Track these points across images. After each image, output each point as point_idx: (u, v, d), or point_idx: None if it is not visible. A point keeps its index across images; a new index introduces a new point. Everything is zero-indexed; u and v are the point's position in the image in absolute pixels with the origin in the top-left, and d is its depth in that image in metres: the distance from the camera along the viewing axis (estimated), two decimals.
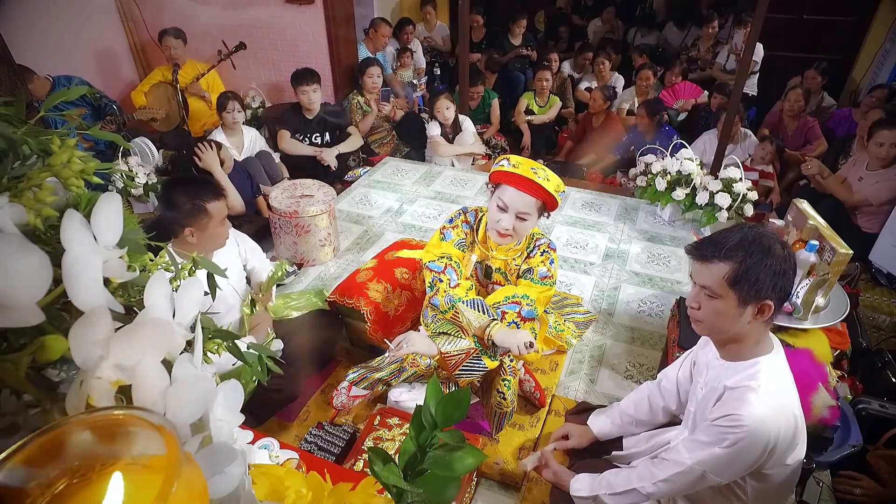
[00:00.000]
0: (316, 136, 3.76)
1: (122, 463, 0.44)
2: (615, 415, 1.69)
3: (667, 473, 1.30)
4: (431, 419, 0.67)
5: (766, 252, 1.16)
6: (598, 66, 5.14)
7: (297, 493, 0.77)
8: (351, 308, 2.11)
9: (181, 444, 0.42)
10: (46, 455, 0.41)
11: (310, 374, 2.16)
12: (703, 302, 1.24)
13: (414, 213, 3.46)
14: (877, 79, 4.92)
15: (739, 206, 3.01)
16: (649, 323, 2.52)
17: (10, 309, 0.42)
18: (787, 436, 1.18)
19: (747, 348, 1.26)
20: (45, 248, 0.43)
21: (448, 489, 0.69)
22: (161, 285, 0.53)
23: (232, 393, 0.59)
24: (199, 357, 0.55)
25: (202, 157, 2.85)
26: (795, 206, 2.11)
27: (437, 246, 1.84)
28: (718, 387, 1.27)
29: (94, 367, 0.46)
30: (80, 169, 0.53)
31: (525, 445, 1.89)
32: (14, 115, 0.54)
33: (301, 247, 2.84)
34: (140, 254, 0.57)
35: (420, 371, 1.90)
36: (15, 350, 0.45)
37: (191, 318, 0.56)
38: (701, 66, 5.52)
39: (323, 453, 1.78)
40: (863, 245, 2.79)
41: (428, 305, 1.90)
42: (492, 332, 1.67)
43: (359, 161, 4.13)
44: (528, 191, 1.66)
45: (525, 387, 2.03)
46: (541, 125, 4.88)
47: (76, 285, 0.45)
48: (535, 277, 1.79)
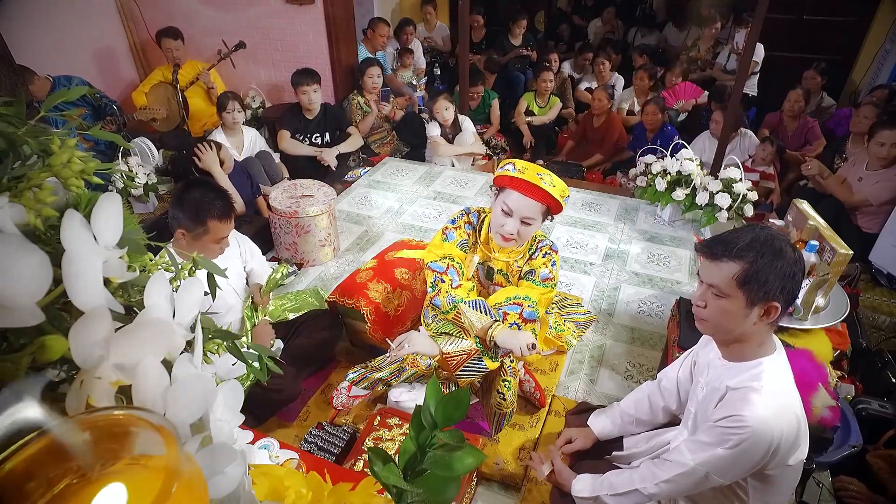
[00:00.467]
0: (316, 137, 3.76)
1: (123, 463, 0.44)
2: (615, 415, 1.69)
3: (669, 474, 1.30)
4: (431, 419, 0.67)
5: (778, 254, 1.16)
6: (598, 66, 5.14)
7: (297, 493, 0.77)
8: (351, 308, 2.11)
9: (181, 445, 0.42)
10: (46, 455, 0.41)
11: (310, 374, 2.16)
12: (710, 301, 1.24)
13: (414, 213, 3.46)
14: (877, 79, 4.92)
15: (739, 207, 3.01)
16: (649, 323, 2.52)
17: (10, 309, 0.42)
18: (790, 437, 1.18)
19: (750, 349, 1.26)
20: (45, 248, 0.43)
21: (448, 489, 0.69)
22: (161, 285, 0.53)
23: (232, 393, 0.59)
24: (199, 357, 0.55)
25: (202, 158, 2.85)
26: (795, 206, 2.11)
27: (439, 246, 1.84)
28: (720, 387, 1.27)
29: (94, 367, 0.46)
30: (80, 169, 0.53)
31: (525, 446, 1.89)
32: (14, 116, 0.54)
33: (301, 247, 2.84)
34: (140, 254, 0.57)
35: (420, 371, 1.90)
36: (15, 350, 0.45)
37: (191, 319, 0.56)
38: (701, 67, 5.52)
39: (323, 453, 1.78)
40: (863, 245, 2.79)
41: (429, 305, 1.90)
42: (494, 333, 1.67)
43: (359, 161, 4.13)
44: (533, 196, 1.66)
45: (525, 387, 2.03)
46: (541, 125, 4.88)
47: (76, 285, 0.45)
48: (537, 279, 1.79)
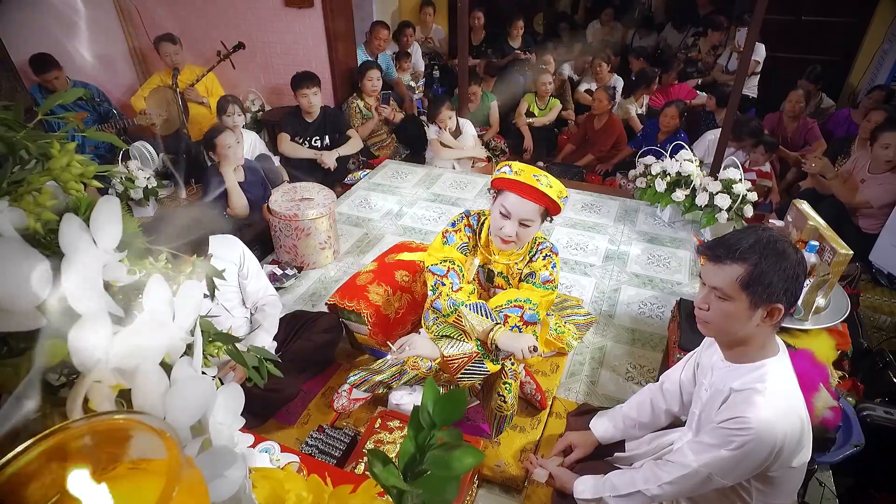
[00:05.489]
0: (316, 140, 3.76)
1: (124, 467, 0.44)
2: (618, 419, 1.68)
3: (672, 476, 1.30)
4: (429, 419, 0.67)
5: (781, 256, 1.16)
6: (596, 67, 5.15)
7: (298, 496, 0.77)
8: (351, 311, 2.11)
9: (182, 448, 0.42)
10: (47, 460, 0.41)
11: (310, 377, 2.16)
12: (713, 303, 1.23)
13: (414, 215, 3.46)
14: (875, 79, 4.93)
15: (739, 207, 3.01)
16: (650, 324, 2.52)
17: (10, 313, 0.42)
18: (794, 438, 1.17)
19: (753, 351, 1.26)
20: (45, 252, 0.43)
21: (448, 489, 0.69)
22: (160, 289, 0.53)
23: (232, 396, 0.59)
24: (199, 360, 0.55)
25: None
26: (795, 206, 2.11)
27: (439, 249, 1.84)
28: (724, 389, 1.27)
29: (93, 370, 0.46)
30: (79, 173, 0.53)
31: (526, 448, 1.88)
32: (13, 120, 0.54)
33: (301, 250, 2.84)
34: (140, 257, 0.57)
35: (421, 374, 1.89)
36: (15, 354, 0.45)
37: (190, 322, 0.56)
38: (700, 69, 5.52)
39: (324, 456, 1.77)
40: (863, 245, 2.78)
41: (430, 308, 1.89)
42: (495, 336, 1.67)
43: (358, 164, 4.14)
44: (530, 197, 1.66)
45: (526, 389, 2.03)
46: (541, 127, 4.89)
47: (76, 289, 0.45)
48: (538, 281, 1.79)
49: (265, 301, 2.12)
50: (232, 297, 2.06)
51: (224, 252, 2.02)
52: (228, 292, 2.04)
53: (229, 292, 2.04)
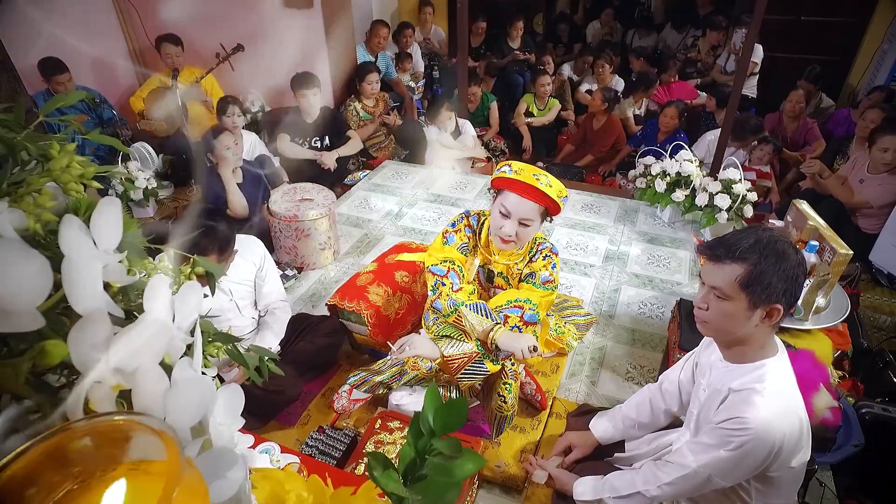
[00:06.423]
0: (315, 140, 3.76)
1: (124, 468, 0.44)
2: (617, 419, 1.68)
3: (671, 476, 1.30)
4: (429, 427, 0.67)
5: (781, 256, 1.16)
6: (598, 68, 5.15)
7: (299, 497, 0.77)
8: (351, 312, 2.11)
9: (182, 449, 0.42)
10: (47, 461, 0.41)
11: (311, 379, 2.16)
12: (712, 303, 1.23)
13: (414, 216, 3.46)
14: (875, 79, 4.93)
15: (739, 208, 3.01)
16: (650, 325, 2.52)
17: (10, 314, 0.41)
18: (793, 438, 1.17)
19: (752, 351, 1.26)
20: (45, 252, 0.43)
21: (448, 494, 0.68)
22: (161, 289, 0.53)
23: (232, 397, 0.59)
24: (199, 360, 0.55)
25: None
26: (795, 206, 2.11)
27: (439, 249, 1.84)
28: (723, 389, 1.27)
29: (93, 371, 0.46)
30: (79, 173, 0.53)
31: (526, 448, 1.88)
32: (14, 121, 0.54)
33: (301, 251, 2.84)
34: (140, 258, 0.57)
35: (421, 374, 1.89)
36: (15, 355, 0.45)
37: (191, 322, 0.55)
38: (699, 69, 5.52)
39: (324, 457, 1.77)
40: (863, 245, 2.78)
41: (430, 308, 1.89)
42: (495, 336, 1.67)
43: (358, 165, 4.13)
44: (530, 197, 1.66)
45: (526, 389, 2.03)
46: (540, 127, 4.89)
47: (76, 290, 0.45)
48: (538, 281, 1.79)
49: (277, 305, 2.14)
50: (246, 296, 2.07)
51: (247, 251, 2.04)
52: (244, 291, 2.06)
53: (245, 291, 2.06)
